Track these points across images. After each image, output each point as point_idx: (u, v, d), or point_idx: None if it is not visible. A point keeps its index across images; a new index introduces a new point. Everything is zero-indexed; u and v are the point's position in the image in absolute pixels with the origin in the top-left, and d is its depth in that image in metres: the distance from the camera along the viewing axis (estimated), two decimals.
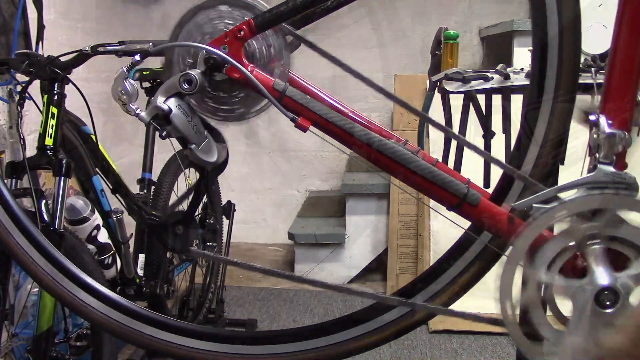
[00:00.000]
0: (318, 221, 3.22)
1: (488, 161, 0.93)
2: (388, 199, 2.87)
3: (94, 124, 1.61)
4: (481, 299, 2.41)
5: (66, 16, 2.66)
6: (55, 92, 1.48)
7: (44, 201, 1.33)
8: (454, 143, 1.08)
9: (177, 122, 0.75)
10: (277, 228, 3.55)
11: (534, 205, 0.75)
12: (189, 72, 0.74)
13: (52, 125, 1.46)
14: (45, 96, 1.48)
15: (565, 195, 0.73)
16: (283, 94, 0.77)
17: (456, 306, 0.88)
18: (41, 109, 1.48)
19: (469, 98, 0.97)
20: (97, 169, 1.69)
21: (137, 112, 0.76)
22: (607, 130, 0.71)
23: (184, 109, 0.75)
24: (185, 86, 0.74)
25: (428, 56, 1.30)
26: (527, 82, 0.93)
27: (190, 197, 0.86)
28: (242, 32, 0.75)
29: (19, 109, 1.41)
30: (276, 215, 3.59)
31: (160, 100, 0.75)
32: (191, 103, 0.78)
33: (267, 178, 3.60)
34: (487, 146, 0.96)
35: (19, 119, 1.39)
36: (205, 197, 0.82)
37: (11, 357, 1.40)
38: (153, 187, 1.98)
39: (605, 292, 0.71)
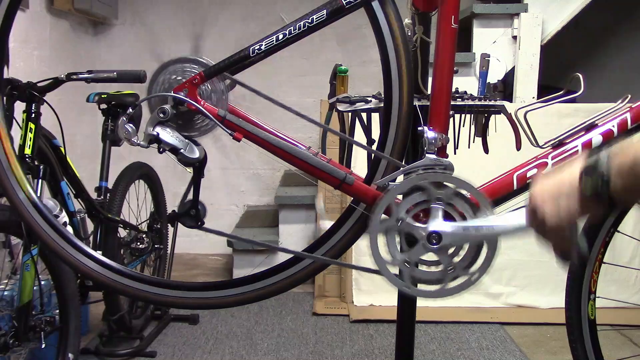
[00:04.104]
0: (254, 231, 3.58)
1: (370, 153, 1.31)
2: (316, 209, 3.25)
3: (64, 138, 1.93)
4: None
5: (24, 44, 2.95)
6: (32, 111, 1.80)
7: None
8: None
9: (165, 140, 1.12)
10: (217, 239, 3.87)
11: (389, 182, 1.15)
12: (163, 106, 1.12)
13: (30, 138, 1.78)
14: (25, 114, 1.80)
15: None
16: (224, 118, 1.15)
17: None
18: (21, 124, 1.80)
19: (355, 115, 1.37)
20: (64, 176, 2.00)
21: (139, 142, 1.12)
22: (429, 133, 1.13)
23: (166, 130, 1.13)
24: (161, 116, 1.12)
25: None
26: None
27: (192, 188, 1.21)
28: (196, 80, 1.13)
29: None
30: (216, 227, 3.91)
31: (149, 129, 1.12)
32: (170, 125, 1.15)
33: (209, 194, 3.96)
34: (370, 144, 1.36)
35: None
36: (199, 189, 1.12)
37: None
38: (109, 194, 2.29)
39: (433, 235, 1.11)
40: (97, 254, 1.26)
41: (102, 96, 2.21)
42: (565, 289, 1.44)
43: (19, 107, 1.80)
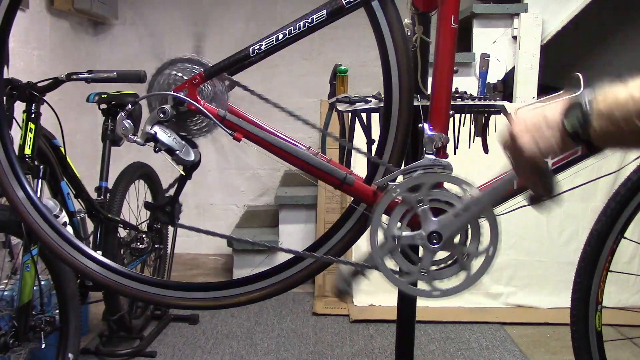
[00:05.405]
0: (254, 231, 3.58)
1: (368, 159, 1.32)
2: (316, 209, 3.25)
3: (64, 138, 1.93)
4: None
5: (24, 44, 2.95)
6: (32, 111, 1.80)
7: None
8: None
9: (162, 140, 1.12)
10: (217, 239, 3.87)
11: (389, 182, 1.15)
12: (163, 106, 1.12)
13: (30, 138, 1.78)
14: (25, 114, 1.80)
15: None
16: (224, 118, 1.15)
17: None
18: (21, 124, 1.80)
19: (355, 115, 1.37)
20: (64, 176, 2.00)
21: (135, 139, 1.12)
22: (429, 133, 1.13)
23: (164, 130, 1.13)
24: (161, 116, 1.12)
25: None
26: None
27: (175, 186, 1.21)
28: (196, 80, 1.13)
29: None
30: (216, 228, 3.92)
31: (147, 128, 1.12)
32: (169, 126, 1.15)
33: (209, 194, 3.97)
34: (369, 148, 1.36)
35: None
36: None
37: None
38: (109, 194, 2.29)
39: (433, 234, 1.11)
40: (97, 255, 1.26)
41: (102, 96, 2.21)
42: (571, 302, 1.41)
43: (19, 107, 1.81)
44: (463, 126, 1.43)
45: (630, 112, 0.75)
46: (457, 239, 1.12)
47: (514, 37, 3.38)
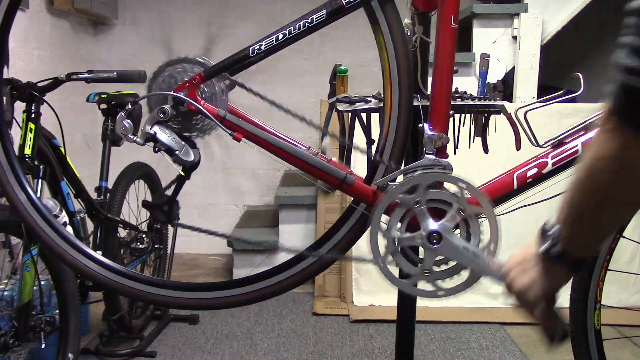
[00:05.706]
0: (254, 231, 3.58)
1: (369, 157, 1.32)
2: (316, 208, 3.25)
3: (64, 138, 1.93)
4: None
5: (24, 44, 2.95)
6: (32, 111, 1.80)
7: None
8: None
9: (161, 140, 1.12)
10: (217, 239, 3.87)
11: (389, 183, 1.15)
12: (163, 106, 1.12)
13: (30, 138, 1.78)
14: (25, 114, 1.80)
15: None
16: (224, 118, 1.16)
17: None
18: (21, 124, 1.80)
19: (355, 115, 1.37)
20: (64, 176, 2.00)
21: (135, 139, 1.12)
22: (429, 133, 1.13)
23: (164, 130, 1.13)
24: (161, 116, 1.12)
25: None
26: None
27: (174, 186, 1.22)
28: (196, 80, 1.13)
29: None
30: (216, 228, 3.92)
31: (147, 128, 1.12)
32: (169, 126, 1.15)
33: (210, 194, 3.97)
34: (369, 148, 1.36)
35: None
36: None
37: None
38: (109, 194, 2.29)
39: (435, 235, 1.10)
40: (97, 254, 1.26)
41: (102, 96, 2.21)
42: (569, 301, 1.41)
43: (19, 107, 1.81)
44: (463, 126, 1.43)
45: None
46: (440, 257, 1.13)
47: (514, 37, 3.38)
